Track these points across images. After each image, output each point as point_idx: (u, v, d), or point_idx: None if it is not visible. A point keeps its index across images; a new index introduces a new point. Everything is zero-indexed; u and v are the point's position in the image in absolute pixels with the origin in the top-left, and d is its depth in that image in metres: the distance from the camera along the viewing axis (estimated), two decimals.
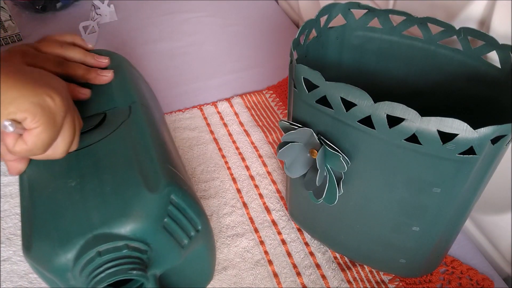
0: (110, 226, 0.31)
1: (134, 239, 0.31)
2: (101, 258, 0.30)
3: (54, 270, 0.30)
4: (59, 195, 0.33)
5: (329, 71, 0.43)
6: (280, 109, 0.66)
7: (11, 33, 0.82)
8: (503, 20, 0.39)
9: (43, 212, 0.32)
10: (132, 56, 0.79)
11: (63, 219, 0.31)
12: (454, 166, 0.31)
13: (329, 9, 0.41)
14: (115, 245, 0.30)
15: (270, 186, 0.55)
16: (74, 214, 0.31)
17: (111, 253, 0.30)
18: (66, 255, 0.30)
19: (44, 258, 0.31)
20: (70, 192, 0.33)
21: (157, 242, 0.32)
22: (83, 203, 0.32)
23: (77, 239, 0.30)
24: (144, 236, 0.32)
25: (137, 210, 0.31)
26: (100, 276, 0.29)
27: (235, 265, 0.46)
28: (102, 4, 0.86)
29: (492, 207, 0.46)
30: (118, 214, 0.31)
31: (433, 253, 0.40)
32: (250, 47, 0.81)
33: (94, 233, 0.30)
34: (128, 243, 0.31)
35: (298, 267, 0.46)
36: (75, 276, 0.30)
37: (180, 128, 0.63)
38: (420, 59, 0.42)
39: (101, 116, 0.39)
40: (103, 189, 0.32)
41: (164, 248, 0.33)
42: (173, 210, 0.34)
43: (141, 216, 0.31)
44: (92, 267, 0.30)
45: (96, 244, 0.30)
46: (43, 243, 0.31)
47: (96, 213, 0.31)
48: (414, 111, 0.29)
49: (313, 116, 0.35)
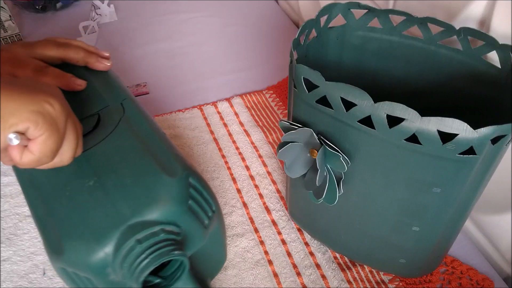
0: (142, 214, 0.32)
1: (166, 223, 0.32)
2: (141, 245, 0.30)
3: (93, 267, 0.31)
4: (79, 196, 0.33)
5: (329, 71, 0.43)
6: (280, 109, 0.66)
7: (11, 33, 0.82)
8: (503, 20, 0.39)
9: (68, 215, 0.32)
10: (132, 56, 0.79)
11: (91, 217, 0.32)
12: (454, 166, 0.31)
13: (329, 9, 0.41)
14: (152, 230, 0.31)
15: (270, 186, 0.55)
16: (102, 210, 0.32)
17: (150, 239, 0.31)
18: (104, 249, 0.30)
19: (80, 258, 0.31)
20: (91, 191, 0.33)
21: (185, 223, 0.34)
22: (107, 199, 0.32)
23: (112, 232, 0.31)
24: (175, 218, 0.33)
25: (164, 195, 0.33)
26: (145, 262, 0.30)
27: (235, 265, 0.46)
28: (102, 4, 0.86)
29: (492, 207, 0.46)
30: (147, 201, 0.32)
31: (433, 253, 0.40)
32: (250, 47, 0.81)
33: (128, 223, 0.31)
34: (163, 227, 0.32)
35: (298, 267, 0.46)
36: (115, 270, 0.31)
37: (180, 128, 0.63)
38: (420, 59, 0.42)
39: (95, 117, 0.39)
40: (123, 182, 0.33)
41: (191, 229, 0.34)
42: (193, 193, 0.35)
43: (169, 200, 0.33)
44: (135, 255, 0.30)
45: (133, 233, 0.31)
46: (76, 244, 0.31)
47: (124, 205, 0.32)
48: (414, 111, 0.29)
49: (313, 116, 0.35)
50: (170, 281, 0.33)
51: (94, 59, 0.44)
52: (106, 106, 0.41)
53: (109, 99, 0.42)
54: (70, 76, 0.42)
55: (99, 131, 0.38)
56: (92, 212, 0.32)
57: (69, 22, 0.87)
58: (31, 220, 0.51)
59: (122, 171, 0.34)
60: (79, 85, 0.42)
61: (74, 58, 0.43)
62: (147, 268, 0.30)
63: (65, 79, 0.41)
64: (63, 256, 0.31)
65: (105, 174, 0.34)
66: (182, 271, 0.33)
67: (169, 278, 0.33)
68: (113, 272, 0.31)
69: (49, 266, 0.46)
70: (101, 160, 0.35)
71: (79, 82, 0.42)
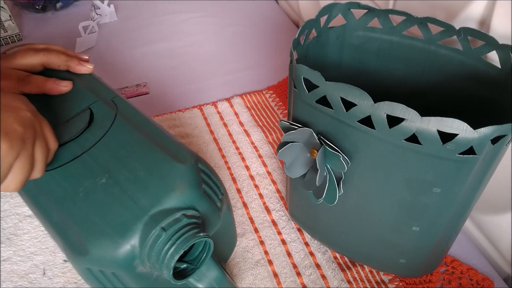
0: (162, 203, 0.32)
1: (186, 208, 0.33)
2: (167, 233, 0.31)
3: (120, 262, 0.31)
4: (94, 195, 0.33)
5: (329, 71, 0.43)
6: (280, 109, 0.66)
7: (11, 33, 0.82)
8: (503, 20, 0.39)
9: (87, 215, 0.32)
10: (132, 56, 0.79)
11: (112, 213, 0.32)
12: (454, 166, 0.31)
13: (329, 9, 0.41)
14: (174, 217, 0.32)
15: (270, 186, 0.55)
16: (121, 205, 0.32)
17: (174, 225, 0.31)
18: (130, 242, 0.31)
19: (106, 255, 0.31)
20: (105, 188, 0.33)
21: (202, 207, 0.34)
22: (124, 194, 0.33)
23: (136, 225, 0.31)
24: (193, 203, 0.33)
25: (180, 182, 0.33)
26: (173, 248, 0.30)
27: (235, 265, 0.46)
28: (102, 4, 0.86)
29: (492, 207, 0.46)
30: (165, 190, 0.33)
31: (433, 253, 0.40)
32: (250, 47, 0.81)
33: (149, 214, 0.32)
34: (184, 213, 0.32)
35: (298, 267, 0.46)
36: (143, 261, 0.31)
37: (180, 128, 0.63)
38: (420, 59, 0.42)
39: (88, 112, 0.39)
40: (136, 174, 0.34)
41: (208, 212, 0.35)
42: (204, 177, 0.36)
43: (185, 186, 0.33)
44: (162, 243, 0.31)
45: (156, 222, 0.31)
46: (101, 242, 0.31)
47: (143, 197, 0.32)
48: (414, 111, 0.29)
49: (313, 116, 0.35)
50: (196, 264, 0.34)
51: (76, 62, 0.44)
52: (96, 101, 0.41)
53: (98, 96, 0.42)
54: (53, 80, 0.41)
55: (96, 128, 0.38)
56: (112, 208, 0.32)
57: (69, 22, 0.87)
58: (31, 220, 0.51)
59: (132, 164, 0.34)
60: (64, 87, 0.42)
61: (56, 62, 0.43)
62: (177, 253, 0.30)
63: (49, 84, 0.41)
64: (89, 255, 0.31)
65: (116, 169, 0.34)
66: (207, 252, 0.34)
67: (195, 262, 0.34)
68: (141, 263, 0.32)
69: (49, 266, 0.46)
70: (107, 157, 0.35)
71: (64, 83, 0.42)
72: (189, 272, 0.34)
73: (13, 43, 0.82)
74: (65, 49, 0.45)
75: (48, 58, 0.42)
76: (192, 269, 0.34)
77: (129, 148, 0.36)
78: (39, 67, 0.43)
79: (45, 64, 0.43)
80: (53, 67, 0.43)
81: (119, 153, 0.35)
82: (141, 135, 0.37)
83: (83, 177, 0.34)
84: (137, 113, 0.40)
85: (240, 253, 0.48)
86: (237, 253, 0.48)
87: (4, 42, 0.82)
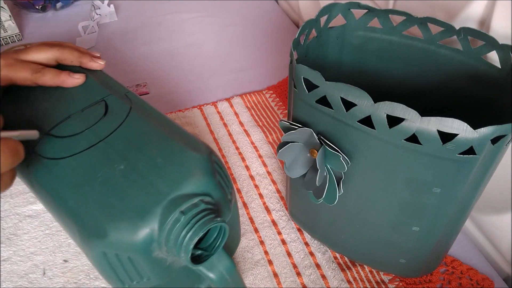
0: (180, 188, 0.33)
1: (203, 194, 0.34)
2: (185, 216, 0.31)
3: (139, 244, 0.31)
4: (114, 180, 0.34)
5: (329, 71, 0.43)
6: (280, 109, 0.66)
7: (11, 33, 0.82)
8: (503, 20, 0.39)
9: (106, 199, 0.33)
10: (132, 56, 0.79)
11: (131, 197, 0.33)
12: (454, 166, 0.31)
13: (329, 9, 0.41)
14: (192, 202, 0.32)
15: (270, 186, 0.55)
16: (140, 190, 0.33)
17: (192, 209, 0.32)
18: (149, 224, 0.31)
19: (125, 238, 0.31)
20: (124, 174, 0.34)
21: (217, 195, 0.35)
22: (143, 179, 0.33)
23: (155, 208, 0.32)
24: (209, 190, 0.34)
25: (197, 169, 0.34)
26: (192, 231, 0.31)
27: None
28: (102, 4, 0.86)
29: (492, 207, 0.46)
30: (183, 176, 0.34)
31: (433, 253, 0.40)
32: (250, 47, 0.81)
33: (168, 198, 0.32)
34: (201, 199, 0.33)
35: (298, 267, 0.46)
36: (160, 245, 0.32)
37: None
38: (420, 59, 0.42)
39: (103, 104, 0.40)
40: (155, 161, 0.34)
41: (221, 201, 0.36)
42: (217, 168, 0.37)
43: (202, 173, 0.34)
44: (181, 226, 0.31)
45: (175, 206, 0.32)
46: (120, 224, 0.31)
47: (161, 183, 0.33)
48: (414, 111, 0.29)
49: (313, 116, 0.35)
50: (211, 250, 0.35)
51: (88, 58, 0.45)
52: (110, 95, 0.41)
53: (111, 90, 0.43)
54: (67, 72, 0.42)
55: (111, 118, 0.39)
56: (131, 193, 0.33)
57: (69, 22, 0.88)
58: (31, 220, 0.51)
59: (149, 152, 0.35)
60: (77, 79, 0.42)
61: (69, 58, 0.44)
62: (196, 235, 0.31)
63: (63, 76, 0.42)
64: (107, 238, 0.31)
65: (134, 157, 0.35)
66: (223, 237, 0.35)
67: (209, 248, 0.35)
68: (158, 247, 0.32)
69: (49, 266, 0.46)
70: (124, 145, 0.36)
71: (77, 76, 0.42)
72: (203, 258, 0.34)
73: (13, 43, 0.82)
74: (77, 46, 0.46)
75: (62, 53, 0.44)
76: (206, 255, 0.34)
77: (145, 138, 0.37)
78: (52, 62, 0.44)
79: (58, 59, 0.44)
80: (66, 63, 0.44)
81: (136, 142, 0.36)
82: (156, 127, 0.38)
83: (100, 163, 0.35)
84: (151, 107, 0.41)
85: (240, 253, 0.47)
86: (237, 253, 0.48)
87: (4, 42, 0.82)
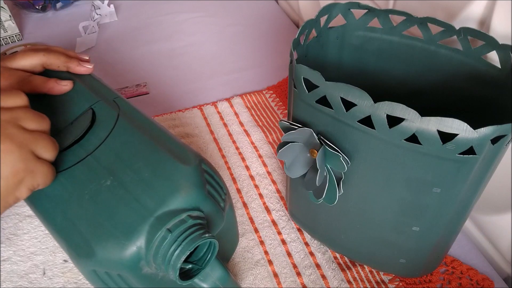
0: (167, 204, 0.32)
1: (191, 209, 0.33)
2: (172, 234, 0.31)
3: (127, 263, 0.31)
4: (100, 197, 0.33)
5: (329, 71, 0.43)
6: (280, 109, 0.66)
7: (11, 33, 0.82)
8: (503, 20, 0.39)
9: (93, 218, 0.32)
10: (132, 56, 0.79)
11: (117, 215, 0.32)
12: (454, 166, 0.31)
13: (329, 9, 0.41)
14: (179, 218, 0.32)
15: (270, 186, 0.55)
16: (126, 207, 0.32)
17: (179, 226, 0.31)
18: (135, 244, 0.31)
19: (113, 257, 0.31)
20: (110, 190, 0.33)
21: (207, 208, 0.34)
22: (129, 195, 0.33)
23: (141, 226, 0.31)
24: (198, 204, 0.33)
25: (184, 183, 0.33)
26: (179, 249, 0.31)
27: (235, 265, 0.46)
28: (102, 4, 0.86)
29: (492, 207, 0.46)
30: (170, 191, 0.33)
31: (433, 253, 0.40)
32: (250, 47, 0.81)
33: (154, 215, 0.32)
34: (189, 214, 0.32)
35: (298, 267, 0.46)
36: (149, 262, 0.31)
37: (180, 128, 0.63)
38: (420, 59, 0.42)
39: (90, 113, 0.39)
40: (141, 176, 0.34)
41: (212, 212, 0.35)
42: (207, 178, 0.36)
43: (190, 187, 0.33)
44: (168, 244, 0.31)
45: (162, 223, 0.31)
46: (107, 244, 0.31)
47: (147, 199, 0.32)
48: (414, 111, 0.29)
49: (313, 116, 0.35)
50: (202, 264, 0.34)
51: (75, 63, 0.44)
52: (98, 101, 0.41)
53: (100, 96, 0.42)
54: (54, 79, 0.42)
55: (99, 128, 0.38)
56: (117, 210, 0.32)
57: (69, 22, 0.87)
58: (31, 220, 0.51)
59: (136, 165, 0.34)
60: (65, 86, 0.42)
61: (55, 63, 0.43)
62: (183, 254, 0.30)
63: (50, 83, 0.41)
64: (95, 257, 0.31)
65: (120, 171, 0.34)
66: (212, 253, 0.34)
67: (199, 262, 0.34)
68: (147, 264, 0.32)
69: (49, 266, 0.46)
70: (111, 158, 0.35)
71: (64, 83, 0.42)
72: (194, 272, 0.34)
73: (13, 43, 0.82)
74: (65, 50, 0.45)
75: (48, 59, 0.43)
76: (197, 269, 0.34)
77: (133, 149, 0.36)
78: (39, 67, 0.43)
79: (44, 65, 0.43)
80: (53, 68, 0.43)
81: (123, 155, 0.35)
82: (144, 136, 0.37)
83: (88, 179, 0.34)
84: (139, 113, 0.40)
85: (240, 253, 0.48)
86: (237, 253, 0.48)
87: (4, 42, 0.82)
